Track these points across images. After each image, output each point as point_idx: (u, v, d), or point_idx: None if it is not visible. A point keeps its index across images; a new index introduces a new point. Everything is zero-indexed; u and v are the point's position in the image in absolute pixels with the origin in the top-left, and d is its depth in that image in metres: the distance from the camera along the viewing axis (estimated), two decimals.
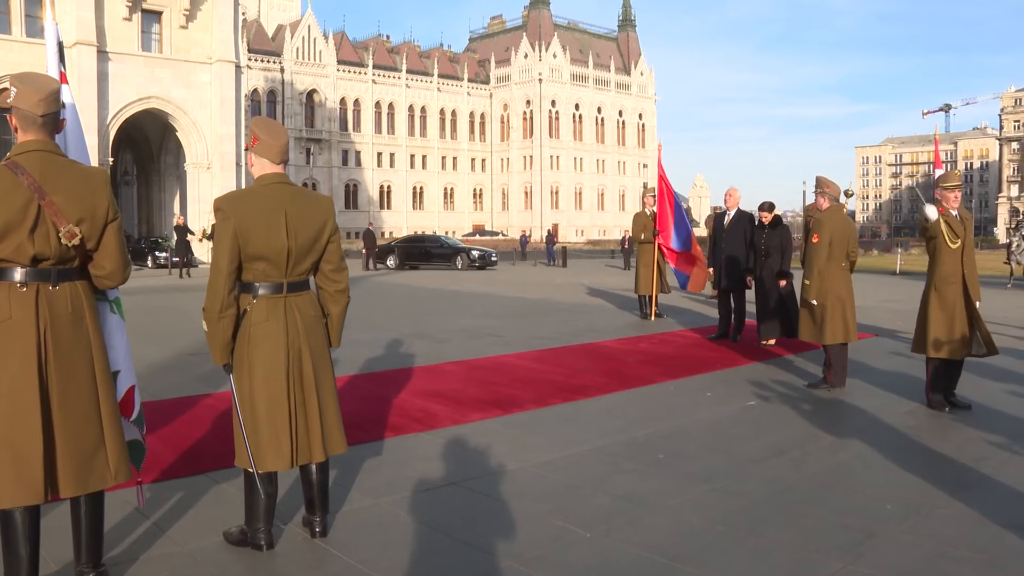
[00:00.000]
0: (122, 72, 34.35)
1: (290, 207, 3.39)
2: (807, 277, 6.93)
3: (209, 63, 36.57)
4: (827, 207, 7.12)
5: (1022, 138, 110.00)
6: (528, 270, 32.28)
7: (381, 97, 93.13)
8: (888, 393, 6.89)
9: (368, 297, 17.01)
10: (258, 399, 3.37)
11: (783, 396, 6.82)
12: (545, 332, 11.03)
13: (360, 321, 11.51)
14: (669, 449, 5.18)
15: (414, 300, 16.88)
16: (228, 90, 36.89)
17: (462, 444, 5.26)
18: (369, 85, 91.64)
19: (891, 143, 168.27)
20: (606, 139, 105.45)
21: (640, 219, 12.54)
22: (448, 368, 8.08)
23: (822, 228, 6.90)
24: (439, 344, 9.83)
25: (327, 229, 3.48)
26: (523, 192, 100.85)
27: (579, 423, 5.89)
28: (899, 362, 8.46)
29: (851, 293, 7.06)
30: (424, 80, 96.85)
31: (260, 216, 3.33)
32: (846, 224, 7.07)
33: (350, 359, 8.28)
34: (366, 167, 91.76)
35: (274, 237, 3.33)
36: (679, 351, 9.35)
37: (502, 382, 7.34)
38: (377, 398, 6.59)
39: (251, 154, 3.50)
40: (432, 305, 15.64)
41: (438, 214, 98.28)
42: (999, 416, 6.08)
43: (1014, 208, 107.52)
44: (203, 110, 36.55)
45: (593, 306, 15.14)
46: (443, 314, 13.75)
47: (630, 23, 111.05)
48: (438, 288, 20.42)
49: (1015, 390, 7.04)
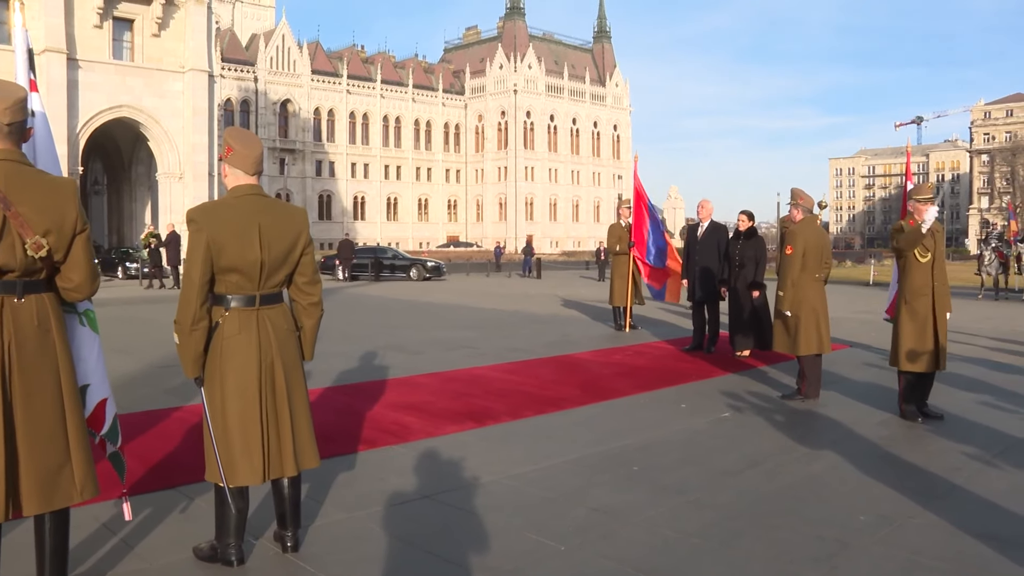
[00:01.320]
0: (92, 80, 33.95)
1: (264, 219, 3.37)
2: (781, 288, 6.99)
3: (182, 72, 36.29)
4: (801, 218, 7.19)
5: (992, 151, 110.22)
6: (503, 281, 32.28)
7: (356, 107, 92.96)
8: (861, 404, 6.96)
9: (342, 309, 16.91)
10: (230, 412, 3.33)
11: (757, 408, 6.86)
12: (519, 344, 11.02)
13: (334, 333, 11.44)
14: (643, 461, 5.19)
15: (388, 312, 16.80)
16: (201, 99, 36.62)
17: (436, 457, 5.24)
18: (343, 95, 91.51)
19: (864, 155, 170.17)
20: (581, 150, 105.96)
21: (615, 230, 12.60)
22: (422, 380, 8.04)
23: (796, 239, 6.97)
24: (413, 356, 9.79)
25: (301, 241, 3.46)
26: (497, 203, 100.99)
27: (553, 435, 5.88)
28: (872, 373, 8.56)
29: (825, 304, 7.12)
30: (399, 90, 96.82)
31: (233, 228, 3.30)
32: (820, 235, 7.14)
33: (323, 371, 8.22)
34: (340, 178, 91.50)
35: (247, 249, 3.31)
36: (653, 363, 9.38)
37: (476, 394, 7.32)
38: (350, 411, 6.55)
39: (224, 165, 3.48)
40: (406, 317, 15.58)
41: (412, 225, 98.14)
42: (971, 427, 6.16)
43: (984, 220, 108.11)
44: (175, 119, 36.25)
45: (567, 318, 15.17)
46: (417, 326, 13.70)
47: (605, 35, 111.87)
48: (412, 300, 20.35)
49: (987, 401, 7.14)
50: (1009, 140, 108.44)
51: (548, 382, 8.00)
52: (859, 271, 40.02)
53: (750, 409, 6.81)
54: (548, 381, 8.06)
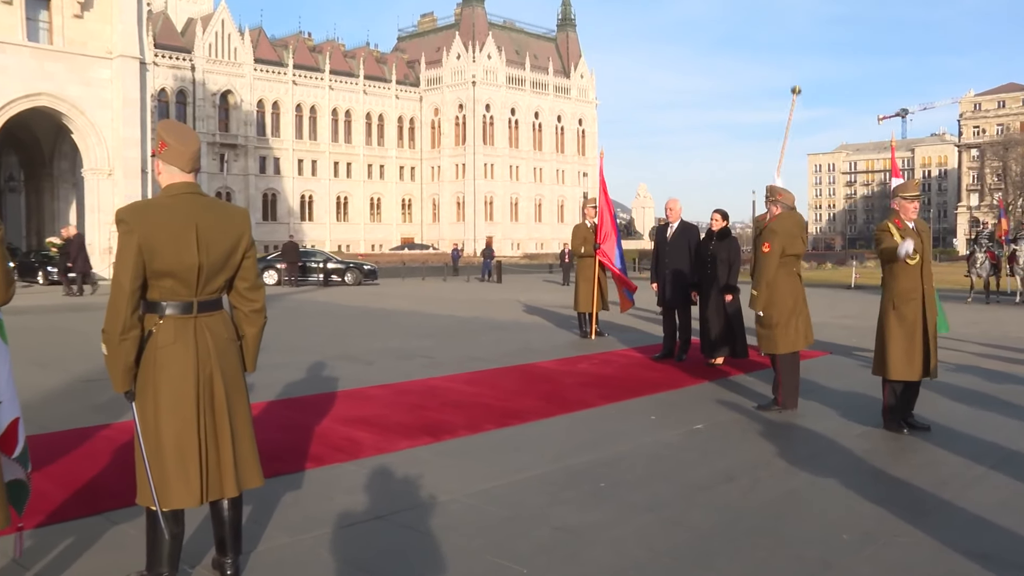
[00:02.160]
0: (3, 64, 32.51)
1: (202, 220, 3.31)
2: (755, 288, 6.97)
3: (109, 58, 35.50)
4: (779, 214, 7.16)
5: (982, 145, 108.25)
6: (461, 286, 32.22)
7: (302, 99, 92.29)
8: (843, 415, 7.05)
9: (287, 316, 16.74)
10: (164, 429, 3.27)
11: (732, 419, 6.92)
12: (479, 353, 11.01)
13: (278, 342, 11.32)
14: (611, 477, 5.19)
15: (338, 319, 16.68)
16: (132, 89, 35.91)
17: (389, 474, 5.20)
18: (289, 86, 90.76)
19: (845, 150, 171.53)
20: (544, 146, 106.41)
21: (580, 231, 12.65)
22: (374, 392, 8.00)
23: (774, 237, 6.95)
24: (364, 366, 9.74)
25: (242, 244, 3.42)
26: (455, 203, 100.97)
27: (515, 450, 5.87)
28: (854, 381, 8.67)
29: (803, 300, 7.13)
30: (349, 82, 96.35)
31: (168, 229, 3.24)
32: (797, 230, 7.14)
33: (267, 384, 8.12)
34: (286, 175, 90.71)
35: (184, 252, 3.25)
36: (621, 372, 9.42)
37: (432, 407, 7.29)
38: (296, 426, 6.48)
39: (158, 161, 3.41)
40: (357, 324, 15.48)
41: (364, 226, 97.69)
42: (959, 437, 6.23)
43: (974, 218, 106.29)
44: (103, 110, 35.48)
45: (530, 324, 15.18)
46: (369, 334, 13.62)
47: (570, 23, 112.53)
48: (364, 306, 20.23)
49: (976, 410, 7.25)
50: (1001, 133, 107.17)
51: (509, 393, 7.99)
52: (840, 273, 40.50)
53: (724, 420, 6.86)
54: (509, 392, 8.05)
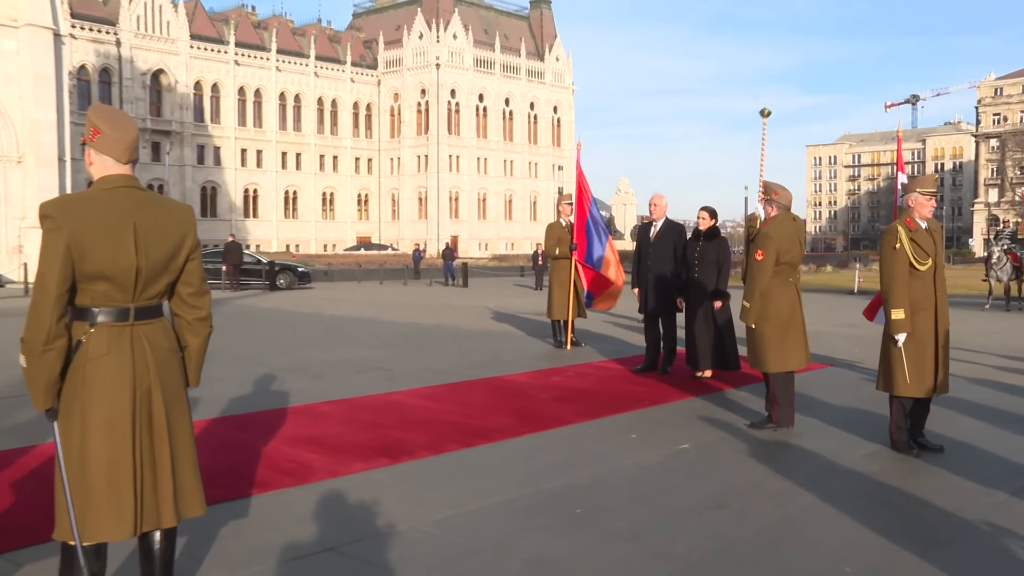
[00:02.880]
0: None
1: (140, 217, 3.26)
2: (747, 298, 6.99)
3: (14, 26, 34.45)
4: (775, 216, 7.17)
5: (1003, 134, 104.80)
6: (422, 291, 32.15)
7: (245, 82, 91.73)
8: (845, 433, 7.10)
9: (231, 324, 16.61)
10: (92, 452, 3.20)
11: (721, 438, 6.95)
12: (442, 364, 10.99)
13: (221, 353, 11.20)
14: (588, 502, 5.20)
15: (286, 327, 16.58)
16: (44, 64, 35.04)
17: (341, 501, 5.17)
18: (230, 67, 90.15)
19: (848, 141, 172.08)
20: (515, 136, 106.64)
21: (554, 230, 12.66)
22: (326, 409, 7.96)
23: (768, 243, 6.94)
24: (315, 380, 9.69)
25: (186, 245, 3.38)
26: (417, 198, 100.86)
27: (482, 473, 5.86)
28: (857, 397, 8.76)
29: (799, 312, 7.17)
30: (298, 63, 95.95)
31: (101, 226, 3.19)
32: (795, 234, 7.15)
33: (207, 399, 8.05)
34: (227, 166, 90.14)
35: (119, 253, 3.20)
36: (599, 386, 9.44)
37: (390, 424, 7.27)
38: (238, 447, 6.43)
39: (90, 150, 3.35)
40: (308, 333, 15.40)
41: (315, 224, 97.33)
42: (977, 459, 6.27)
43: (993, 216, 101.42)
44: (10, 88, 34.52)
45: (499, 333, 15.19)
46: (321, 344, 13.55)
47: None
48: (315, 313, 20.13)
49: (995, 428, 7.30)
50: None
51: (476, 409, 7.98)
52: (841, 277, 40.65)
53: (713, 439, 6.89)
54: (476, 408, 8.04)
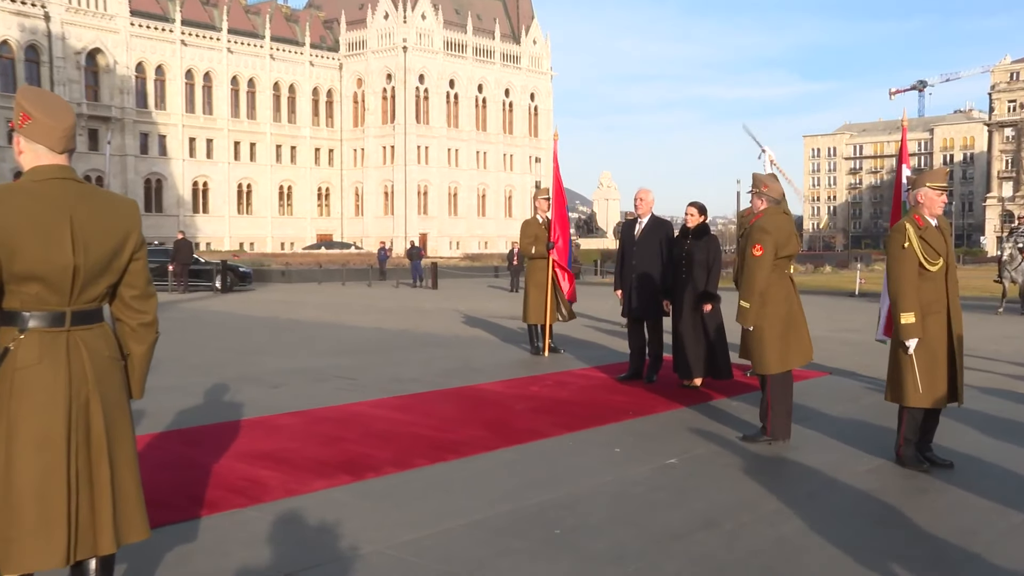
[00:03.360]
0: None
1: (78, 211, 3.23)
2: (745, 298, 6.99)
3: None
4: (765, 209, 7.23)
5: (1018, 123, 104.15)
6: (388, 293, 32.09)
7: (194, 64, 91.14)
8: (846, 446, 7.14)
9: (179, 329, 16.50)
10: (19, 472, 3.16)
11: (712, 452, 6.98)
12: (409, 373, 10.99)
13: (168, 361, 11.13)
14: (568, 522, 5.21)
15: (240, 333, 16.51)
16: None
17: (300, 522, 5.15)
18: (176, 47, 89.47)
19: (849, 131, 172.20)
20: (489, 125, 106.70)
21: (531, 228, 12.68)
22: (283, 421, 7.94)
23: (766, 238, 6.96)
24: (271, 390, 9.66)
25: (130, 243, 3.35)
26: (382, 193, 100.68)
27: (453, 490, 5.86)
28: (859, 407, 8.82)
29: (797, 306, 7.21)
30: (252, 44, 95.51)
31: (33, 221, 3.16)
32: (789, 227, 7.21)
33: (152, 412, 8.01)
34: (174, 157, 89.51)
35: (54, 251, 3.17)
36: (580, 395, 9.47)
37: (352, 438, 7.25)
38: (187, 463, 6.40)
39: (19, 137, 3.32)
40: (263, 339, 15.35)
41: (271, 220, 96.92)
42: (990, 476, 6.29)
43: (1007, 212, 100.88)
44: None
45: (471, 339, 15.20)
46: (277, 351, 13.50)
47: None
48: (271, 317, 20.05)
49: (1009, 444, 7.31)
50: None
51: (446, 421, 7.98)
52: (841, 278, 40.76)
53: (703, 454, 6.92)
54: (446, 420, 8.04)
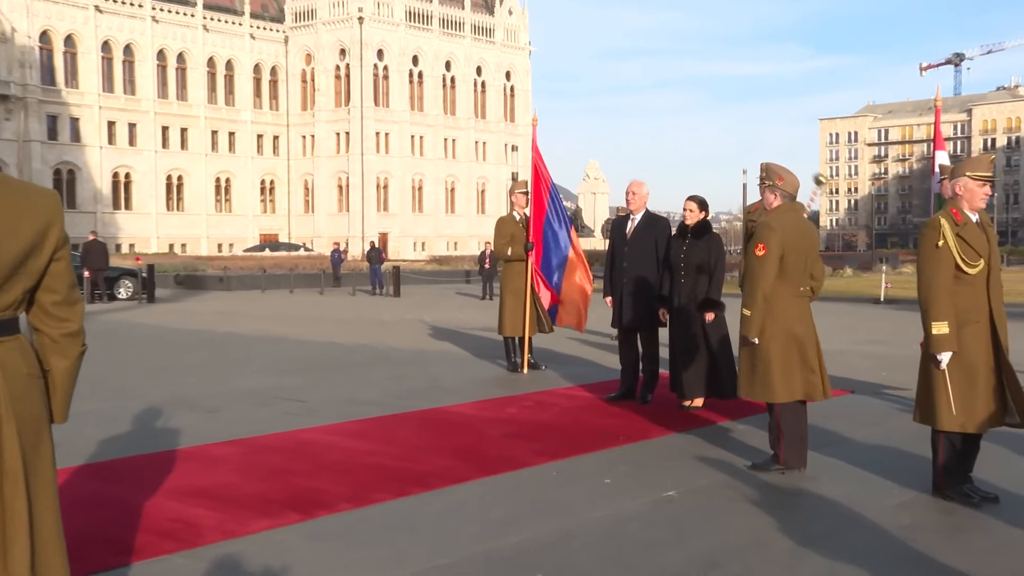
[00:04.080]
0: None
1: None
2: (748, 305, 7.03)
3: None
4: (778, 206, 7.25)
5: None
6: (344, 301, 32.04)
7: (111, 35, 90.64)
8: (871, 476, 7.15)
9: (98, 346, 16.35)
10: None
11: (716, 483, 7.00)
12: (367, 394, 10.98)
13: (85, 383, 11.03)
14: (550, 564, 5.20)
15: (170, 348, 16.45)
16: None
17: (238, 569, 5.13)
18: (90, 14, 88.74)
19: (872, 113, 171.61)
20: (458, 108, 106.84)
21: (506, 226, 12.67)
22: (220, 451, 7.92)
23: (771, 236, 7.00)
24: (207, 415, 9.64)
25: (49, 240, 3.32)
26: (336, 186, 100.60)
27: (418, 529, 5.85)
28: (885, 430, 8.85)
29: (812, 329, 7.23)
30: (181, 12, 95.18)
31: None
32: (805, 232, 7.21)
33: (70, 442, 7.90)
34: (90, 143, 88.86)
35: None
36: (564, 418, 9.47)
37: (302, 470, 7.24)
38: (106, 502, 6.37)
39: None
40: (197, 356, 15.29)
41: (207, 218, 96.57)
42: None
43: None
44: None
45: (438, 354, 15.20)
46: (214, 370, 13.47)
47: None
48: (206, 331, 19.98)
49: None
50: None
51: (410, 449, 7.98)
52: (863, 282, 40.89)
53: (705, 485, 6.93)
54: (410, 448, 8.04)
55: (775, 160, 7.70)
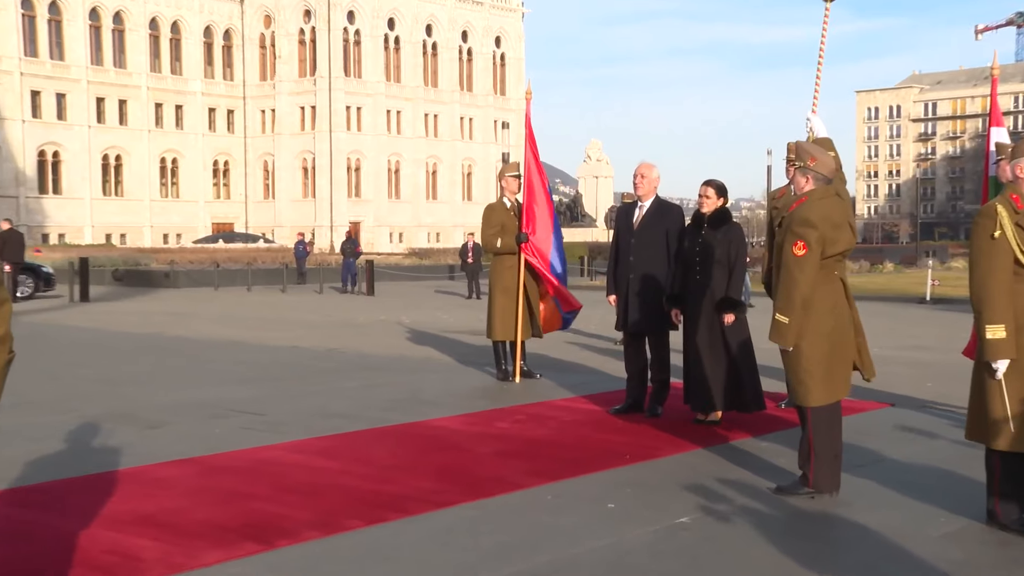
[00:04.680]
0: None
1: None
2: (783, 311, 6.92)
3: None
4: (811, 190, 7.16)
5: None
6: (310, 300, 32.02)
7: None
8: (915, 502, 7.13)
9: (24, 352, 16.36)
10: None
11: (735, 509, 7.00)
12: (337, 406, 10.99)
13: (9, 395, 11.02)
14: None
15: (107, 355, 16.43)
16: None
17: None
18: None
19: (919, 83, 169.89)
20: (441, 80, 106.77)
21: (495, 214, 12.67)
22: (166, 473, 7.90)
23: (811, 234, 6.88)
24: (151, 432, 9.63)
25: None
26: (300, 168, 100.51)
27: (395, 560, 5.86)
28: (931, 448, 8.85)
29: (847, 314, 7.20)
30: None
31: None
32: (844, 219, 7.17)
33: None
34: (9, 116, 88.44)
35: None
36: (562, 434, 9.49)
37: (262, 494, 7.24)
38: (32, 532, 6.35)
39: None
40: (141, 364, 15.26)
41: (150, 204, 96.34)
42: None
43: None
44: None
45: (419, 360, 15.22)
46: (158, 379, 13.46)
47: None
48: (150, 334, 19.96)
49: None
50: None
51: (386, 470, 7.99)
52: (906, 279, 40.75)
53: (723, 511, 6.93)
54: (386, 468, 8.05)
55: (814, 132, 7.62)
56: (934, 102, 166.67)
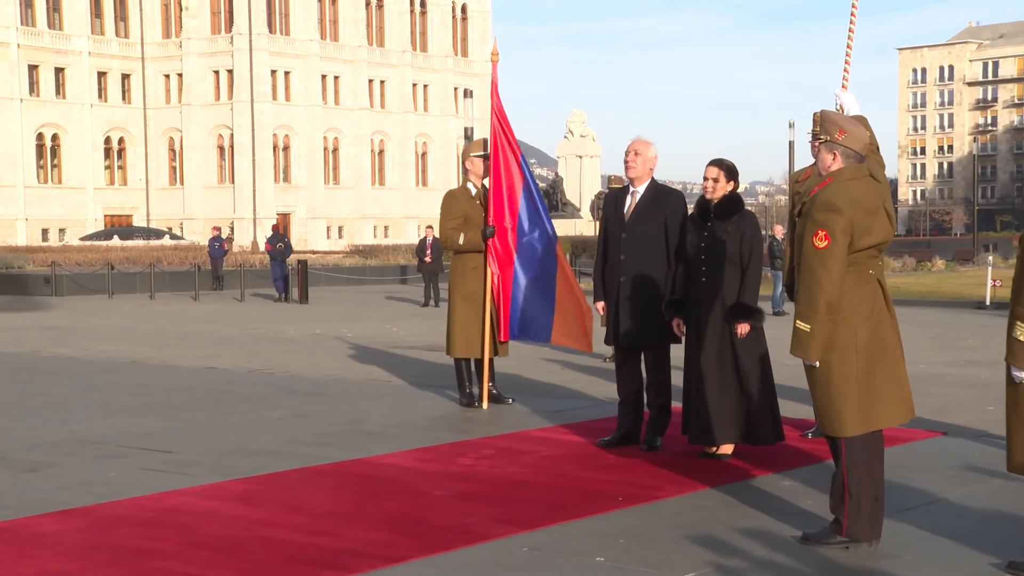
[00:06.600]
0: None
1: None
2: (805, 317, 6.92)
3: None
4: (839, 171, 7.14)
5: None
6: (228, 309, 31.99)
7: None
8: (971, 551, 7.16)
9: None
10: None
11: (752, 563, 7.04)
12: (261, 440, 11.02)
13: None
14: None
15: None
16: None
17: None
18: None
19: (976, 38, 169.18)
20: (388, 39, 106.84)
21: (457, 203, 12.69)
22: (48, 526, 7.88)
23: (835, 221, 6.85)
24: (27, 476, 9.63)
25: None
26: (214, 147, 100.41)
27: None
28: (990, 488, 8.89)
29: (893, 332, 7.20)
30: None
31: None
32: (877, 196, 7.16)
33: None
34: None
35: None
36: (539, 472, 9.53)
37: (168, 551, 7.22)
38: None
39: None
40: (10, 391, 15.22)
41: (25, 192, 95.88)
42: None
43: None
44: None
45: (362, 383, 15.27)
46: (36, 411, 13.42)
47: None
48: (24, 354, 19.91)
49: None
50: None
51: (323, 518, 8.00)
52: (961, 279, 40.96)
53: (736, 567, 6.97)
54: (322, 516, 8.06)
55: (840, 103, 7.63)
56: (995, 61, 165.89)
